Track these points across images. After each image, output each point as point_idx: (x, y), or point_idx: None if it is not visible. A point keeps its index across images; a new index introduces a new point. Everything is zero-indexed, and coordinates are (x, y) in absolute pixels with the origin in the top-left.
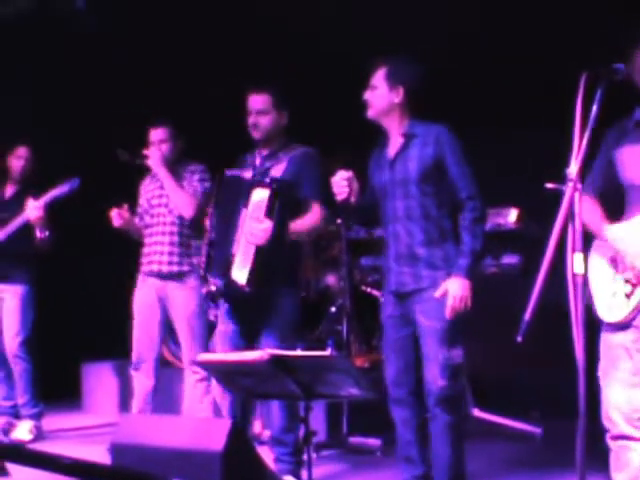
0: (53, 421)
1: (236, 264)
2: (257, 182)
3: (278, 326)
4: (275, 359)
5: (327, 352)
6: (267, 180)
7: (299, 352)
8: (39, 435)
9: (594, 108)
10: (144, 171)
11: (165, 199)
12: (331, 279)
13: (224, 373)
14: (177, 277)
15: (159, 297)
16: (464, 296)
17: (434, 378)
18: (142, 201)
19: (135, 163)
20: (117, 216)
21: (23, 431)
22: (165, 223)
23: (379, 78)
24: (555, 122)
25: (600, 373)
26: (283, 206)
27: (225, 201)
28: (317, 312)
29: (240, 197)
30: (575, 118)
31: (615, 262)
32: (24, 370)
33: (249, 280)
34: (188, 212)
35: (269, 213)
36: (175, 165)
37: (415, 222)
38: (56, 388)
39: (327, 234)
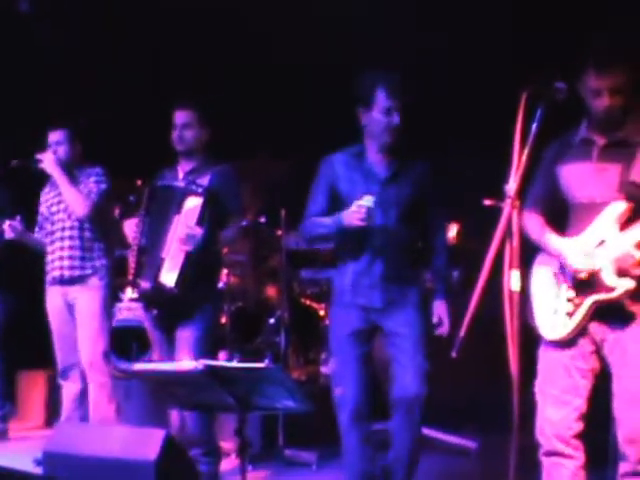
0: None
1: (165, 268)
2: (190, 190)
3: (199, 331)
4: (210, 370)
5: (263, 364)
6: (200, 190)
7: (235, 363)
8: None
9: (534, 126)
10: (44, 179)
11: (64, 204)
12: (270, 291)
13: (159, 383)
14: (79, 281)
15: (66, 303)
16: (450, 314)
17: (410, 384)
18: (42, 209)
19: (29, 167)
20: (9, 228)
21: None
22: (64, 228)
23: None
24: (496, 139)
25: (537, 389)
26: (213, 215)
27: (157, 209)
28: (256, 323)
29: (172, 205)
30: (515, 135)
31: (558, 277)
32: None
33: (177, 283)
34: (80, 210)
35: (201, 220)
36: (73, 169)
37: (403, 242)
38: None
39: (267, 244)
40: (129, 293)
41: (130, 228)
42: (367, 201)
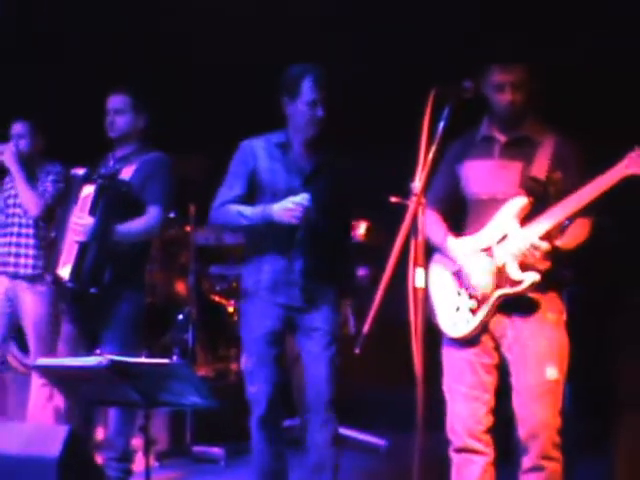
0: None
1: (62, 260)
2: (86, 178)
3: (120, 331)
4: (115, 365)
5: (168, 359)
6: (94, 176)
7: (140, 359)
8: None
9: (441, 124)
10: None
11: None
12: (179, 286)
13: (63, 379)
14: (29, 279)
15: (8, 297)
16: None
17: (325, 381)
18: None
19: None
20: None
21: None
22: (21, 224)
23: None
24: (404, 137)
25: (445, 387)
26: (110, 203)
27: (65, 199)
28: (164, 319)
29: (73, 194)
30: (422, 133)
31: (458, 276)
32: None
33: (72, 275)
34: (32, 210)
35: (93, 209)
36: (33, 164)
37: (320, 239)
38: None
39: (176, 240)
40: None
41: None
42: (304, 199)
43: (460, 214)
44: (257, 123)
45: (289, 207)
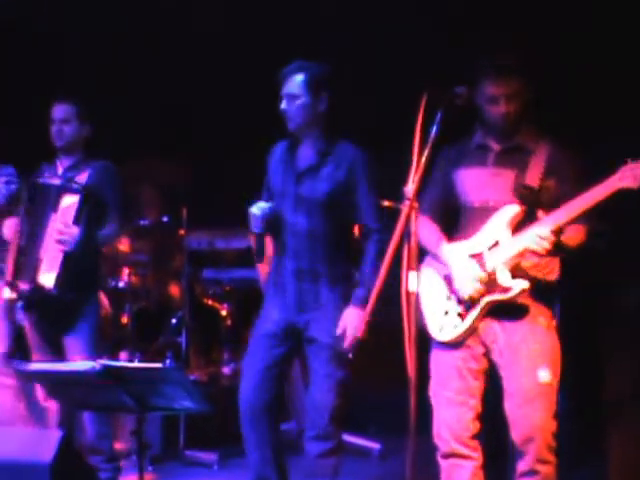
0: None
1: (43, 268)
2: (66, 188)
3: (86, 333)
4: (107, 370)
5: (161, 364)
6: (76, 186)
7: (132, 363)
8: None
9: (434, 128)
10: None
11: None
12: (172, 290)
13: (53, 383)
14: None
15: None
16: (361, 326)
17: (326, 395)
18: None
19: None
20: None
21: None
22: None
23: (299, 86)
24: (395, 141)
25: (431, 392)
26: (93, 212)
27: (34, 207)
28: (157, 323)
29: (49, 203)
30: (414, 137)
31: (449, 280)
32: None
33: (56, 284)
34: None
35: (77, 219)
36: None
37: (317, 240)
38: None
39: (169, 244)
40: (6, 293)
41: (9, 227)
42: (257, 209)
43: (453, 221)
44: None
45: (250, 216)
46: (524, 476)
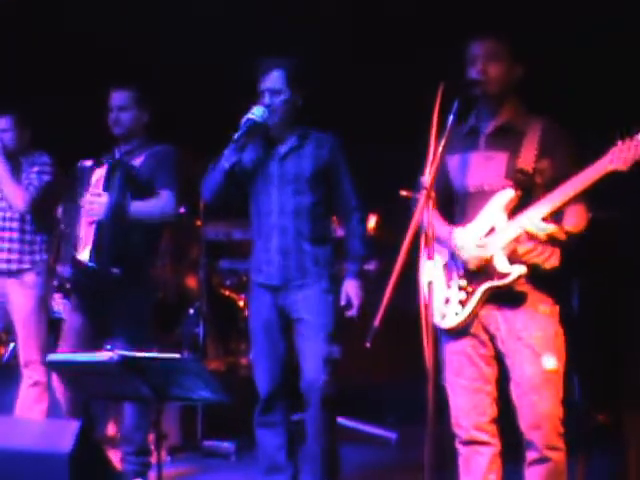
0: None
1: (81, 245)
2: (96, 164)
3: (130, 326)
4: (126, 360)
5: (179, 354)
6: (105, 159)
7: (151, 354)
8: None
9: (450, 118)
10: None
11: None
12: (190, 281)
13: (73, 374)
14: (15, 274)
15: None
16: (362, 295)
17: (316, 374)
18: None
19: None
20: None
21: None
22: (5, 218)
23: (280, 81)
24: (413, 130)
25: (446, 382)
26: (123, 180)
27: (71, 192)
28: (175, 314)
29: (82, 184)
30: (431, 127)
31: (449, 267)
32: None
33: (92, 256)
34: (18, 205)
35: (107, 186)
36: (19, 157)
37: (304, 219)
38: None
39: (186, 235)
40: None
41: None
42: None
43: (450, 207)
44: None
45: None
46: (535, 464)
